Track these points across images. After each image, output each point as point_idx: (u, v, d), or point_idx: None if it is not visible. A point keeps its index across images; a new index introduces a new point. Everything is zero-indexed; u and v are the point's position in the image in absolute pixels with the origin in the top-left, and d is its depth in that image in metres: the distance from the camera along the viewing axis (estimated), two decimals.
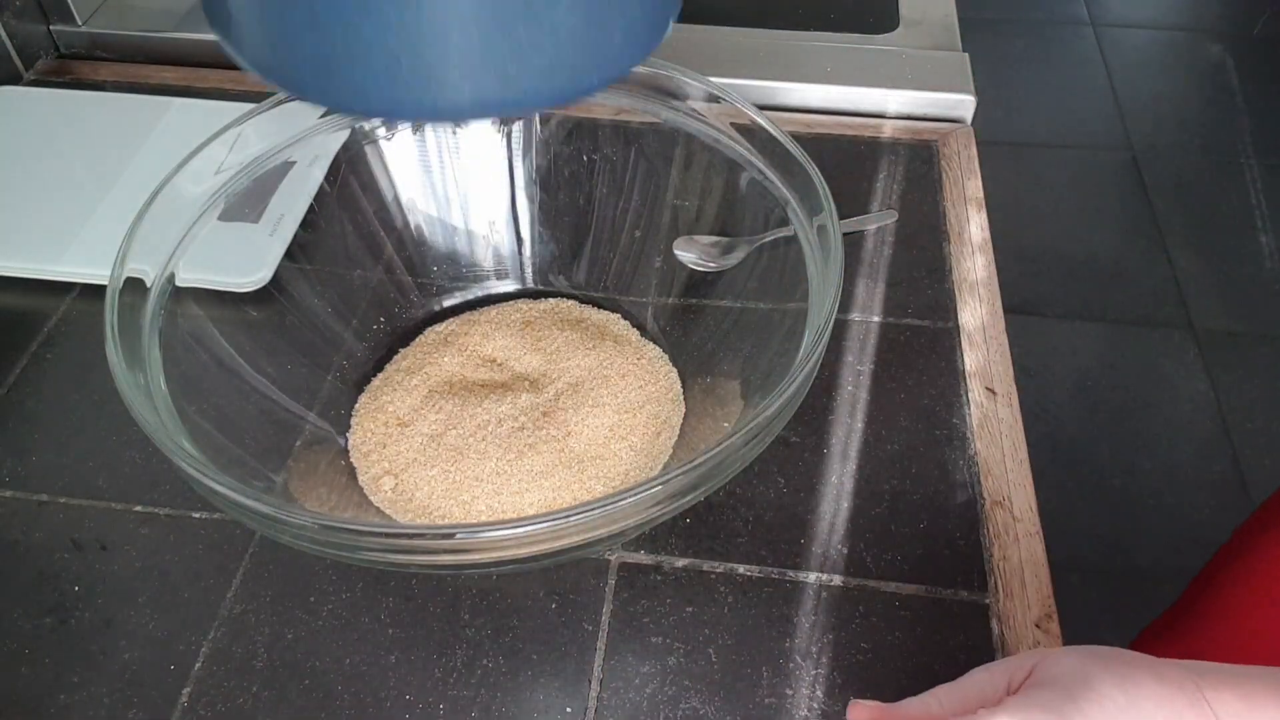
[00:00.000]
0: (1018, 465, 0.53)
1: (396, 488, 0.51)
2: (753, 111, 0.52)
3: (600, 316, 0.59)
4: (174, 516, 0.51)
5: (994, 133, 2.01)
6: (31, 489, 0.52)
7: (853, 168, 0.71)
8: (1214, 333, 1.68)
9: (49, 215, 0.64)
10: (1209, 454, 1.51)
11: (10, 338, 0.60)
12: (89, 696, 0.45)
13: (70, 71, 0.80)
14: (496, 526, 0.37)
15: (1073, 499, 1.46)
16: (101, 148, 0.69)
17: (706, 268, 0.58)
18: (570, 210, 0.61)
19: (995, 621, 0.47)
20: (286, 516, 0.38)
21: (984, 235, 0.66)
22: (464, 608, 0.48)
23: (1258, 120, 2.09)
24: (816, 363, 0.43)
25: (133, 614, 0.48)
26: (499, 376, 0.56)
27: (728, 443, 0.39)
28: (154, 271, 0.48)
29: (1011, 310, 0.60)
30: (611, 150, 0.59)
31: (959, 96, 0.75)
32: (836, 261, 0.46)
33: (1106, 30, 2.36)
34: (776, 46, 0.78)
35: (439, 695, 0.45)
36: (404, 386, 0.55)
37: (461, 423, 0.52)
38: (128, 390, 0.41)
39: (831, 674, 0.45)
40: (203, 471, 0.39)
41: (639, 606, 0.48)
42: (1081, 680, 0.33)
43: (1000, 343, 0.59)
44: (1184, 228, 1.86)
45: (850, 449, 0.54)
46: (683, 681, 0.45)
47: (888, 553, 0.50)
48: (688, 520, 0.51)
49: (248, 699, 0.45)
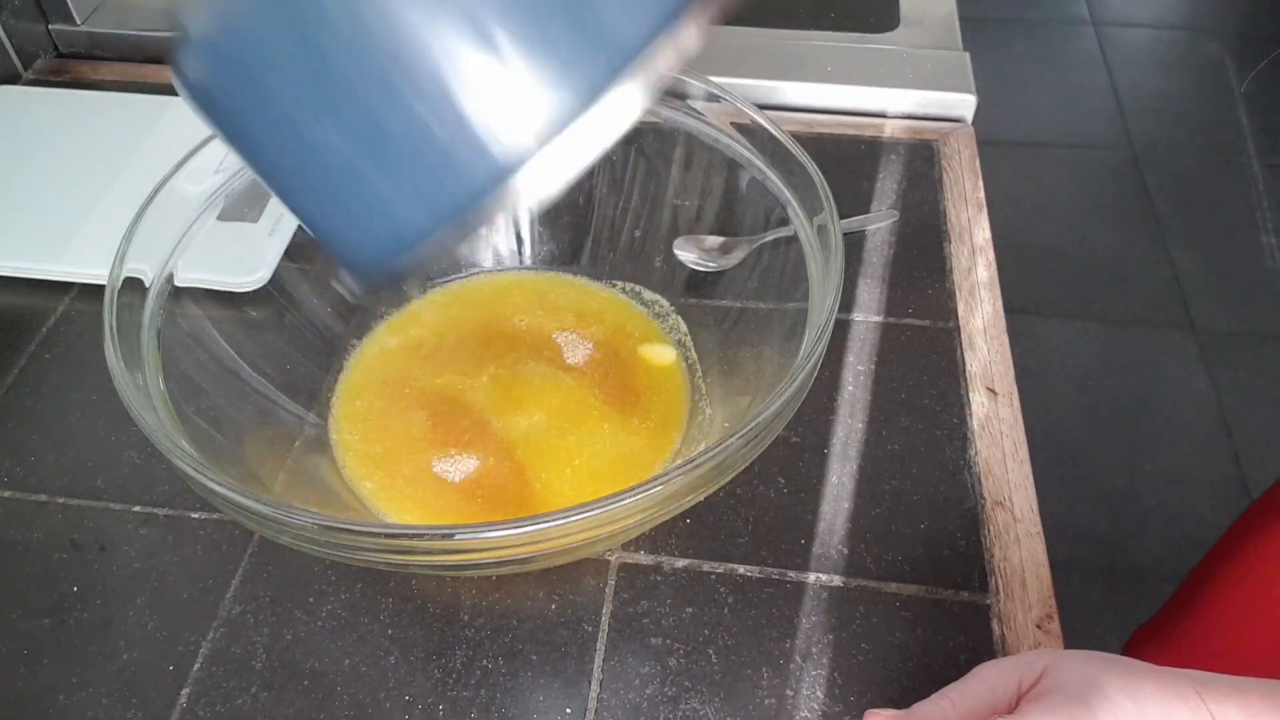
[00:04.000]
0: (1018, 465, 0.53)
1: (375, 490, 0.51)
2: (753, 111, 0.52)
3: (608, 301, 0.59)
4: (173, 517, 0.51)
5: (994, 132, 2.01)
6: (30, 489, 0.52)
7: (853, 167, 0.71)
8: (1214, 333, 1.68)
9: (48, 215, 0.64)
10: (1209, 454, 1.51)
11: (9, 338, 0.60)
12: (88, 697, 0.45)
13: (69, 71, 0.80)
14: (496, 527, 0.37)
15: (1073, 499, 1.45)
16: (100, 147, 0.69)
17: (706, 268, 0.58)
18: (570, 210, 0.61)
19: (996, 622, 0.47)
20: (286, 516, 0.37)
21: (985, 235, 0.66)
22: (464, 608, 0.48)
23: (1258, 120, 2.08)
24: (817, 363, 0.43)
25: (131, 614, 0.48)
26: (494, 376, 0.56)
27: (728, 443, 0.39)
28: (153, 271, 0.48)
29: (1012, 310, 0.60)
30: (611, 150, 0.59)
31: (960, 96, 0.74)
32: (837, 261, 0.45)
33: (1107, 29, 2.36)
34: (776, 46, 0.78)
35: (439, 696, 0.45)
36: (392, 382, 0.55)
37: (455, 419, 0.52)
38: (126, 390, 0.41)
39: (832, 675, 0.45)
40: (201, 472, 0.39)
41: (639, 607, 0.48)
42: (1094, 687, 0.33)
43: (1001, 343, 0.59)
44: (1184, 227, 1.86)
45: (850, 449, 0.54)
46: (683, 682, 0.45)
47: (888, 553, 0.50)
48: (688, 520, 0.51)
49: (247, 700, 0.45)
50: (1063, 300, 1.74)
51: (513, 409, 0.53)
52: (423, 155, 0.27)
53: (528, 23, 0.25)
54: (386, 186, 0.27)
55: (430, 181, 0.27)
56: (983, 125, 0.75)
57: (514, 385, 0.55)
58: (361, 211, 0.28)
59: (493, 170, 0.27)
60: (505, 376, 0.55)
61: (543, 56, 0.25)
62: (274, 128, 0.28)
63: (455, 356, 0.56)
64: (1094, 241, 1.84)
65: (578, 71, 0.26)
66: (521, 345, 0.57)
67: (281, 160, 0.29)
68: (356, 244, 0.29)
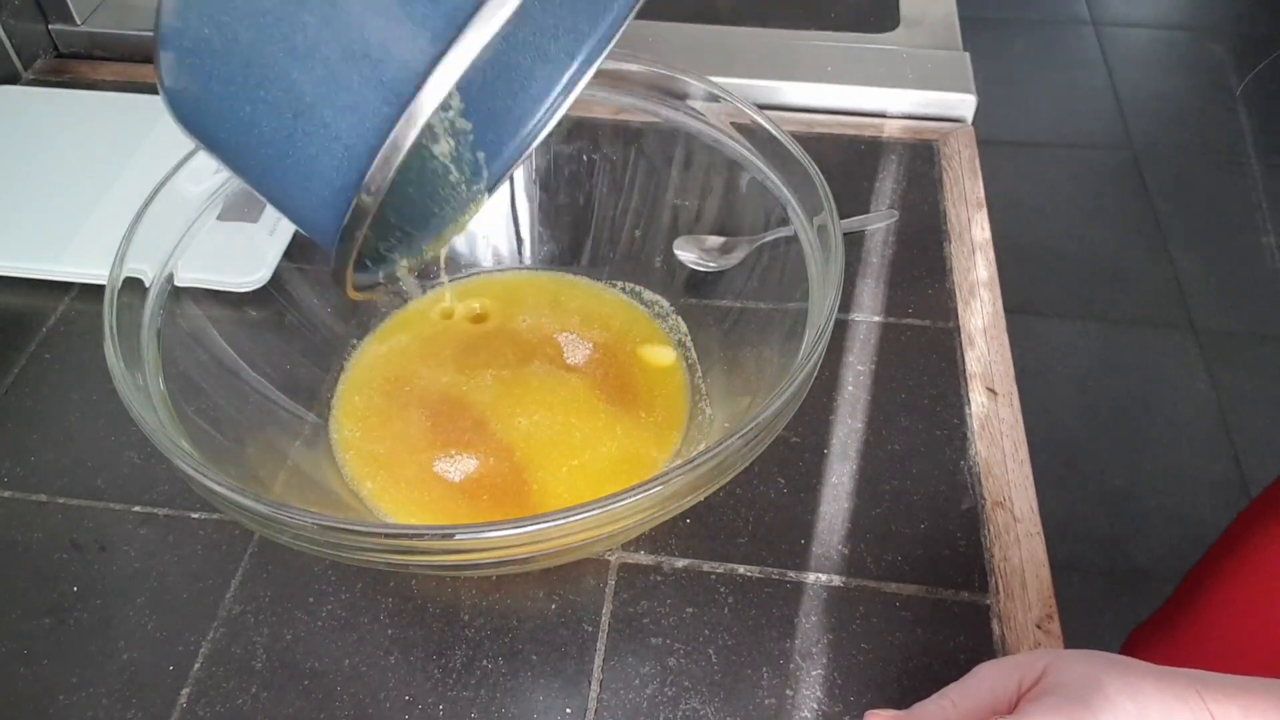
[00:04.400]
0: (1018, 466, 0.53)
1: (376, 490, 0.51)
2: (753, 111, 0.52)
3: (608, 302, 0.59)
4: (173, 517, 0.51)
5: (995, 132, 2.01)
6: (30, 489, 0.52)
7: (853, 167, 0.71)
8: (1214, 333, 1.68)
9: (48, 215, 0.64)
10: (1209, 454, 1.51)
11: (9, 338, 0.60)
12: (88, 697, 0.45)
13: (69, 71, 0.80)
14: (496, 527, 0.37)
15: (1073, 499, 1.45)
16: (100, 147, 0.69)
17: (706, 268, 0.58)
18: (570, 210, 0.61)
19: (996, 622, 0.47)
20: (286, 516, 0.37)
21: (985, 235, 0.66)
22: (464, 608, 0.48)
23: (1258, 120, 2.08)
24: (817, 363, 0.43)
25: (131, 614, 0.48)
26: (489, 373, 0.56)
27: (728, 443, 0.39)
28: (153, 271, 0.48)
29: (1012, 310, 0.60)
30: (611, 150, 0.59)
31: (960, 96, 0.74)
32: (837, 261, 0.45)
33: (1107, 29, 2.35)
34: (776, 46, 0.78)
35: (439, 696, 0.45)
36: (392, 382, 0.55)
37: (453, 418, 0.52)
38: (126, 390, 0.41)
39: (832, 675, 0.45)
40: (201, 471, 0.39)
41: (639, 607, 0.48)
42: (1095, 687, 0.33)
43: (1001, 343, 0.59)
44: (1184, 228, 1.86)
45: (850, 449, 0.54)
46: (683, 682, 0.45)
47: (888, 553, 0.50)
48: (688, 520, 0.51)
49: (247, 700, 0.45)
50: (1063, 300, 1.74)
51: (513, 409, 0.53)
52: (338, 90, 0.30)
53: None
54: (317, 131, 0.31)
55: (352, 109, 0.30)
56: (983, 125, 0.75)
57: (514, 385, 0.55)
58: (306, 166, 0.32)
59: (414, 76, 0.29)
60: (505, 377, 0.55)
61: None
62: (217, 112, 0.33)
63: (456, 356, 0.56)
64: (1094, 241, 1.84)
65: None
66: (522, 345, 0.57)
67: (232, 141, 0.33)
68: (313, 203, 0.33)
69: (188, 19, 0.32)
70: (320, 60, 0.30)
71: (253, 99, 0.31)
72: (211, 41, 0.31)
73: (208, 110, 0.33)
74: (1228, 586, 0.68)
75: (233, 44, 0.31)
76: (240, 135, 0.33)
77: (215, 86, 0.32)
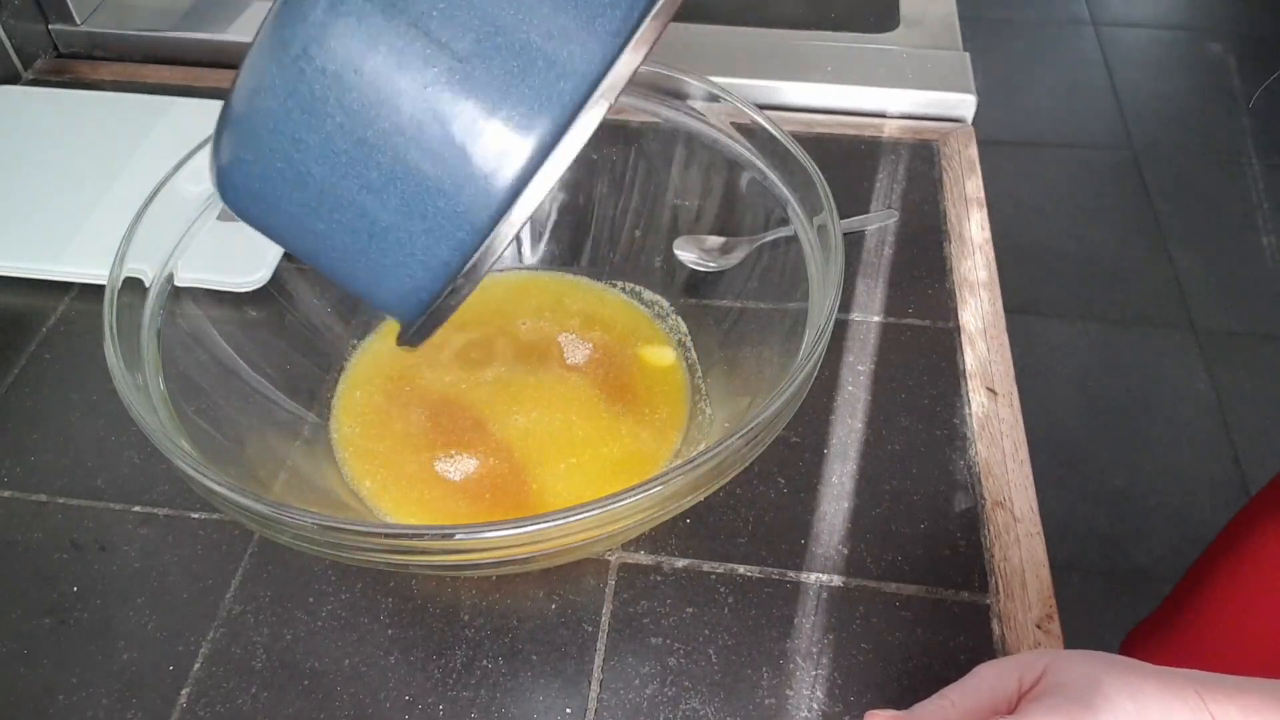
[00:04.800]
0: (1018, 466, 0.53)
1: (376, 489, 0.50)
2: (753, 111, 0.52)
3: (608, 302, 0.59)
4: (173, 517, 0.51)
5: (994, 132, 2.01)
6: (30, 489, 0.52)
7: (853, 167, 0.71)
8: (1214, 333, 1.68)
9: (48, 215, 0.64)
10: (1209, 454, 1.51)
11: (9, 338, 0.60)
12: (88, 697, 0.45)
13: (69, 71, 0.80)
14: (496, 527, 0.37)
15: (1073, 499, 1.45)
16: (100, 147, 0.69)
17: (706, 268, 0.58)
18: (570, 210, 0.61)
19: (996, 622, 0.47)
20: (286, 516, 0.37)
21: (984, 235, 0.66)
22: (464, 608, 0.48)
23: (1258, 120, 2.08)
24: (816, 363, 0.43)
25: (131, 614, 0.48)
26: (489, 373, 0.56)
27: (727, 443, 0.39)
28: (153, 271, 0.48)
29: (1011, 310, 0.60)
30: (611, 150, 0.59)
31: (959, 96, 0.74)
32: (837, 261, 0.45)
33: (1107, 30, 2.35)
34: (776, 46, 0.78)
35: (439, 696, 0.45)
36: (393, 382, 0.55)
37: (453, 417, 0.52)
38: (126, 390, 0.41)
39: (832, 674, 0.45)
40: (201, 471, 0.39)
41: (639, 607, 0.48)
42: (1094, 686, 0.33)
43: (1001, 343, 0.59)
44: (1184, 228, 1.86)
45: (850, 449, 0.54)
46: (683, 682, 0.45)
47: (888, 553, 0.50)
48: (688, 520, 0.51)
49: (247, 700, 0.45)
50: (1062, 300, 1.74)
51: (513, 409, 0.53)
52: (431, 208, 0.31)
53: (488, 83, 0.29)
54: (393, 249, 0.32)
55: (444, 229, 0.31)
56: (983, 125, 0.75)
57: (514, 385, 0.55)
58: (381, 272, 0.33)
59: (491, 208, 0.31)
60: (506, 377, 0.55)
61: (510, 106, 0.30)
62: (284, 224, 0.33)
63: (456, 356, 0.56)
64: (1094, 241, 1.84)
65: (541, 112, 0.30)
66: (522, 345, 0.57)
67: (301, 246, 0.34)
68: (387, 298, 0.34)
69: (259, 151, 0.31)
70: (396, 194, 0.30)
71: (327, 220, 0.32)
72: (284, 173, 0.31)
73: (274, 223, 0.33)
74: (1226, 585, 0.68)
75: (306, 178, 0.31)
76: (311, 243, 0.33)
77: (287, 207, 0.32)
